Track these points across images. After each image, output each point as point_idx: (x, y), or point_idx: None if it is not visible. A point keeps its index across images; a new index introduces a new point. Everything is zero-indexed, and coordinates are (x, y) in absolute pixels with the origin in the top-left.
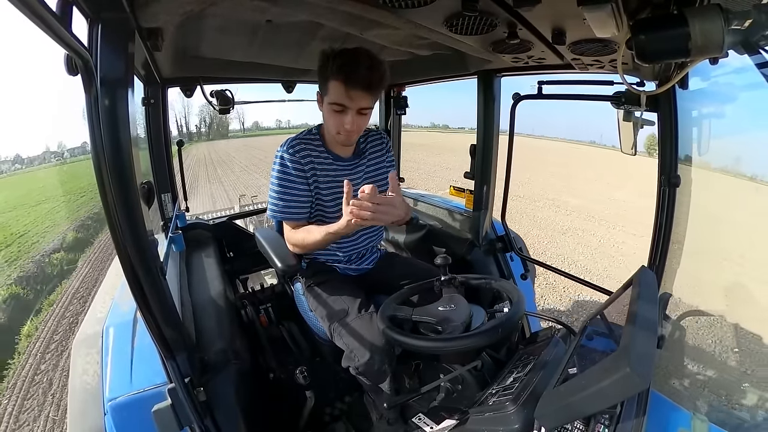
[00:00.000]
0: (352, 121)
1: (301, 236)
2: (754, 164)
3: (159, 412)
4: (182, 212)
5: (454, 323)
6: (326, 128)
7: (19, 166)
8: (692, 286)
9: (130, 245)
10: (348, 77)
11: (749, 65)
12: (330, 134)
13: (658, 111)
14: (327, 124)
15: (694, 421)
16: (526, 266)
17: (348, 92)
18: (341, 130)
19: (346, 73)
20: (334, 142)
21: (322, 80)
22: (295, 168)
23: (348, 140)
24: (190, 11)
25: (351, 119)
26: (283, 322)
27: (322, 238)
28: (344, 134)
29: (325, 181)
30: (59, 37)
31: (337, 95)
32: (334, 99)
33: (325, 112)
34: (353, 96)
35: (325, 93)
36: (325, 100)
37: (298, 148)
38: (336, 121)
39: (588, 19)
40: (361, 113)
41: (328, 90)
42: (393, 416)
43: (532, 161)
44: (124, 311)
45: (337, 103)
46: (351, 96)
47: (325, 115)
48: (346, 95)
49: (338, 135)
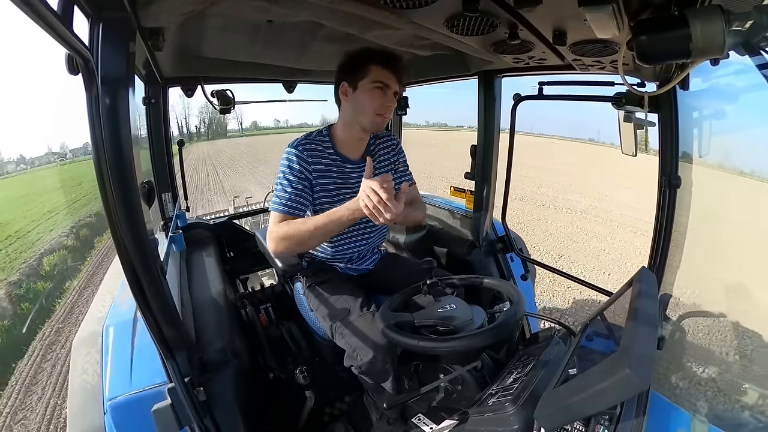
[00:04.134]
0: (393, 99)
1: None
2: (754, 164)
3: (159, 411)
4: (182, 212)
5: (454, 324)
6: (358, 113)
7: (24, 166)
8: (692, 286)
9: (130, 244)
10: (390, 61)
11: (750, 66)
12: (360, 120)
13: (658, 112)
14: (362, 108)
15: (694, 422)
16: (526, 267)
17: (391, 74)
18: (381, 108)
19: (389, 59)
20: (349, 139)
21: (358, 69)
22: (300, 165)
23: (382, 123)
24: (191, 11)
25: (391, 97)
26: (282, 322)
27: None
28: (383, 112)
29: (331, 182)
30: (60, 36)
31: (381, 75)
32: (378, 78)
33: (362, 96)
34: (394, 78)
35: (365, 76)
36: (362, 84)
37: (307, 147)
38: (379, 100)
39: (589, 19)
40: (395, 96)
41: (369, 73)
42: (393, 416)
43: (534, 159)
44: (124, 310)
45: (381, 81)
46: (392, 78)
47: (361, 100)
48: (390, 76)
49: (377, 117)
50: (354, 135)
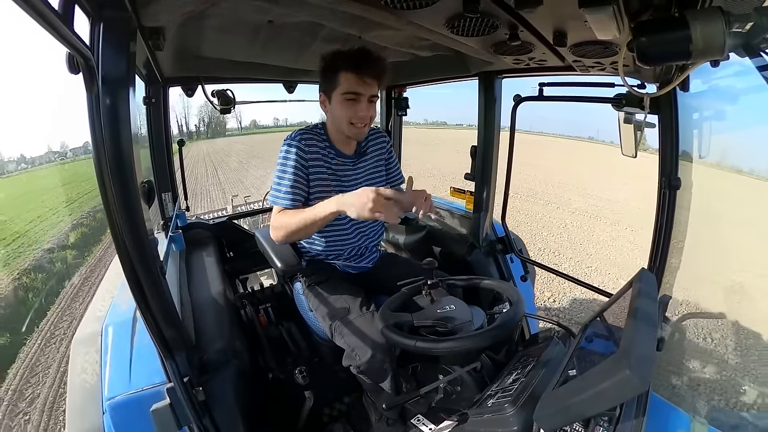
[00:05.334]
0: (366, 108)
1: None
2: (753, 165)
3: (158, 411)
4: (182, 211)
5: (454, 325)
6: (337, 123)
7: (26, 165)
8: (692, 288)
9: (130, 244)
10: (360, 66)
11: (750, 68)
12: (341, 129)
13: (659, 113)
14: (338, 119)
15: (694, 423)
16: (526, 268)
17: (362, 79)
18: (355, 119)
19: (358, 63)
20: (339, 138)
21: (329, 76)
22: (297, 156)
23: (361, 132)
24: (191, 11)
25: (365, 106)
26: (282, 322)
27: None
28: (358, 122)
29: (325, 175)
30: (61, 35)
31: (350, 84)
32: (348, 89)
33: (336, 107)
34: (365, 83)
35: (336, 86)
36: (334, 95)
37: (305, 137)
38: (350, 111)
39: (589, 21)
40: (371, 101)
41: (339, 82)
42: (392, 417)
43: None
44: (124, 310)
45: (351, 92)
46: (365, 82)
47: (335, 111)
48: (361, 82)
49: (351, 127)
50: (341, 138)
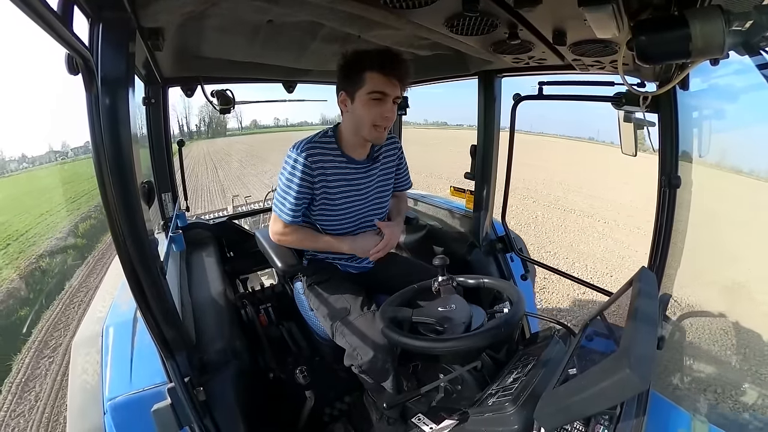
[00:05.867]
0: (392, 109)
1: (296, 237)
2: (753, 164)
3: (158, 411)
4: (182, 212)
5: (454, 324)
6: (357, 125)
7: (27, 165)
8: (692, 286)
9: (130, 244)
10: (386, 66)
11: (750, 66)
12: (360, 131)
13: (658, 112)
14: (360, 119)
15: (694, 422)
16: (526, 267)
17: (388, 79)
18: (379, 120)
19: (384, 63)
20: (354, 142)
21: (354, 77)
22: (303, 173)
23: (381, 136)
24: (190, 11)
25: (390, 107)
26: (282, 322)
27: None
28: (382, 124)
29: (335, 182)
30: (60, 36)
31: (376, 84)
32: (375, 88)
33: (359, 107)
34: (392, 84)
35: (360, 85)
36: (359, 94)
37: (312, 152)
38: (376, 112)
39: (589, 19)
40: (395, 102)
41: (364, 82)
42: (393, 416)
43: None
44: (124, 311)
45: (378, 92)
46: (391, 83)
47: (358, 110)
48: (388, 82)
49: (373, 129)
50: (358, 142)
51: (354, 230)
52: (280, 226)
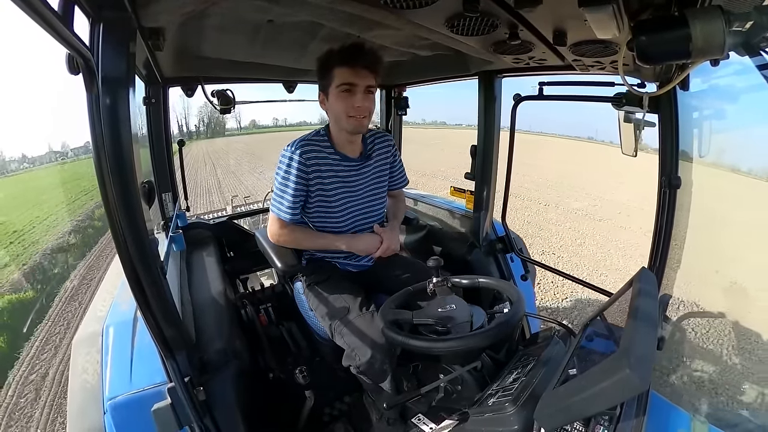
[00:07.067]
0: (362, 99)
1: (294, 236)
2: (753, 164)
3: (158, 411)
4: (182, 211)
5: (455, 324)
6: (337, 119)
7: (27, 165)
8: (692, 287)
9: (130, 244)
10: (351, 59)
11: (750, 67)
12: (341, 124)
13: (659, 112)
14: (336, 113)
15: (694, 422)
16: (526, 267)
17: (355, 71)
18: (352, 111)
19: (350, 56)
20: (343, 139)
21: (325, 75)
22: (299, 170)
23: (361, 124)
24: (191, 11)
25: (361, 97)
26: (282, 322)
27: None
28: (356, 114)
29: (329, 180)
30: (61, 36)
31: (344, 77)
32: (342, 80)
33: (333, 102)
34: (360, 74)
35: (331, 82)
36: (331, 90)
37: (306, 149)
38: (346, 103)
39: (589, 20)
40: (368, 92)
41: (333, 77)
42: (393, 416)
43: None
44: (124, 310)
45: (345, 83)
46: (358, 74)
47: (333, 106)
48: (354, 73)
49: (350, 120)
50: (345, 138)
51: (351, 228)
52: (278, 226)
